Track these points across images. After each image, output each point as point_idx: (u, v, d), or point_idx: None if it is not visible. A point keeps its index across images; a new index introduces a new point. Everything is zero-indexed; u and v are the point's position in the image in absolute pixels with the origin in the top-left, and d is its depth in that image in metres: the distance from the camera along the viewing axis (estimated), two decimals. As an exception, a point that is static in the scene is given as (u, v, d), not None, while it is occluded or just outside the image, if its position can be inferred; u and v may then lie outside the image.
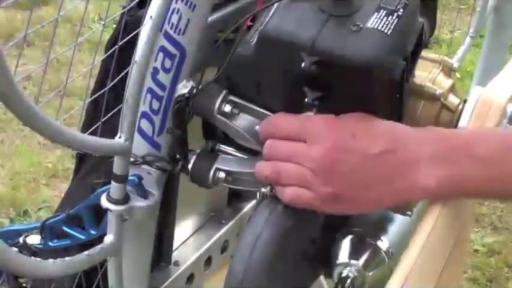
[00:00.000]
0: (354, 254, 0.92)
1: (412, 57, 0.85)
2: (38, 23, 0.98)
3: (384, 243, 0.93)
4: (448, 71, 0.94)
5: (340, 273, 0.92)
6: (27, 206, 1.99)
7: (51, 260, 0.76)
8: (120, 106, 0.86)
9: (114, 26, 0.99)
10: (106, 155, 0.85)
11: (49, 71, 2.64)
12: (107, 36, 1.00)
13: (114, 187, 0.87)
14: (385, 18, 0.80)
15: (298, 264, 0.90)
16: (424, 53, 0.95)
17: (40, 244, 1.00)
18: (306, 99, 0.83)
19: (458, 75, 2.84)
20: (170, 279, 1.11)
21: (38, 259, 0.75)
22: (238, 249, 0.78)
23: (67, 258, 0.78)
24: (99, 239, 0.92)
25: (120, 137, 0.84)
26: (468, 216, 0.98)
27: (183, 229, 1.18)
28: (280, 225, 0.82)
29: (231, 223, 1.23)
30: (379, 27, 0.79)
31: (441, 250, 0.87)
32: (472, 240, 2.06)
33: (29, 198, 2.02)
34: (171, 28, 0.89)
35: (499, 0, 1.61)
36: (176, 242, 1.15)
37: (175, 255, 1.14)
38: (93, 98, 0.92)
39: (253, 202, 1.25)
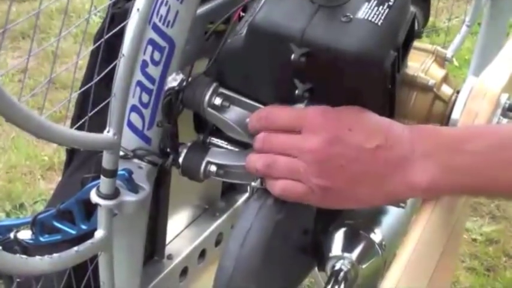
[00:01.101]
0: (347, 247, 0.91)
1: (404, 48, 0.84)
2: (33, 15, 0.96)
3: (377, 236, 0.92)
4: (442, 61, 0.93)
5: (333, 266, 0.91)
6: (23, 200, 1.98)
7: (38, 257, 0.75)
8: (109, 99, 0.85)
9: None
10: (95, 150, 0.84)
11: (44, 63, 2.62)
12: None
13: (103, 182, 0.86)
14: (375, 9, 0.79)
15: (290, 257, 0.90)
16: (418, 43, 0.94)
17: (31, 239, 0.99)
18: (297, 92, 0.82)
19: (456, 63, 2.83)
20: (163, 273, 1.10)
21: (24, 256, 0.74)
22: (228, 244, 0.77)
23: (55, 255, 0.77)
24: (91, 234, 0.91)
25: (108, 131, 0.83)
26: (463, 209, 0.97)
27: (177, 222, 1.17)
28: (270, 218, 0.81)
29: (225, 216, 1.22)
30: (370, 18, 0.78)
31: (436, 244, 0.86)
32: (470, 229, 2.05)
33: (25, 192, 2.01)
34: (159, 20, 0.88)
35: (496, -11, 1.60)
36: (169, 236, 1.14)
37: (168, 249, 1.13)
38: (81, 90, 0.91)
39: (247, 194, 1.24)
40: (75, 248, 0.83)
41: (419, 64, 0.90)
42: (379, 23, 0.78)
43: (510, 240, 2.02)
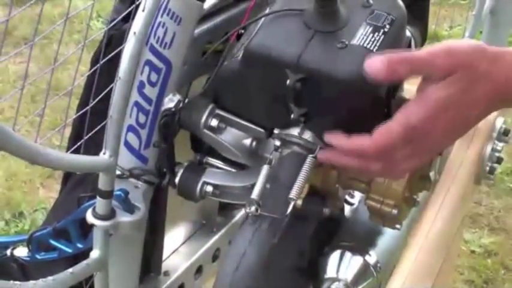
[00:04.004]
0: (342, 269, 0.92)
1: (400, 73, 0.84)
2: (36, 20, 0.97)
3: (372, 258, 0.93)
4: (438, 84, 0.93)
5: (328, 288, 0.91)
6: (22, 208, 1.98)
7: (31, 282, 0.75)
8: (106, 121, 0.85)
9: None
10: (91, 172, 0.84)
11: (46, 69, 2.62)
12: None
13: (99, 202, 0.87)
14: (371, 35, 0.79)
15: (285, 280, 0.90)
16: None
17: (27, 257, 1.00)
18: (292, 116, 0.82)
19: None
20: (160, 290, 1.11)
21: (18, 283, 0.74)
22: (222, 269, 0.77)
23: (49, 278, 0.78)
24: (88, 252, 0.92)
25: (104, 153, 0.83)
26: (462, 223, 0.98)
27: (174, 238, 1.17)
28: (265, 243, 0.81)
29: (222, 231, 1.22)
30: (365, 45, 0.78)
31: (437, 253, 0.87)
32: (469, 241, 2.05)
33: (25, 200, 2.01)
34: (156, 42, 0.88)
35: (495, 4, 1.59)
36: (166, 251, 1.14)
37: (165, 265, 1.13)
38: (78, 114, 0.91)
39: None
40: (70, 270, 0.83)
41: (415, 87, 0.90)
42: (374, 50, 0.78)
43: (509, 253, 2.01)
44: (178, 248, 1.18)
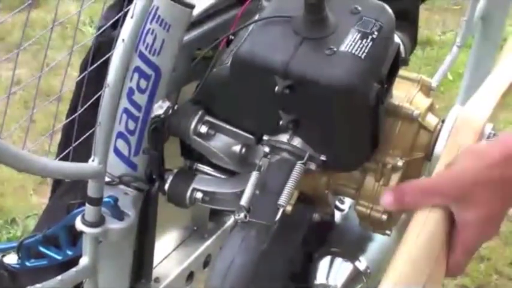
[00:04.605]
0: (332, 275, 0.92)
1: (388, 79, 0.84)
2: (28, 26, 0.96)
3: (362, 264, 0.93)
4: (427, 90, 0.93)
5: (318, 294, 0.91)
6: (14, 214, 1.97)
7: (18, 290, 0.75)
8: (94, 128, 0.85)
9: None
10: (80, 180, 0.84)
11: (36, 75, 2.62)
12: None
13: (88, 210, 0.87)
14: (359, 42, 0.79)
15: (275, 286, 0.90)
16: (403, 71, 0.94)
17: (17, 264, 1.00)
18: (281, 122, 0.82)
19: (450, 77, 2.83)
20: (150, 297, 1.10)
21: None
22: (210, 277, 0.77)
23: (37, 286, 0.77)
24: (78, 258, 0.92)
25: (93, 160, 0.83)
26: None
27: (165, 244, 1.17)
28: (254, 249, 0.81)
29: (213, 237, 1.22)
30: (353, 51, 0.78)
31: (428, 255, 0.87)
32: (462, 246, 2.05)
33: (17, 206, 2.00)
34: (146, 49, 0.88)
35: (486, 10, 1.60)
36: (157, 258, 1.14)
37: (156, 272, 1.13)
38: (67, 120, 0.91)
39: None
40: (59, 277, 0.83)
41: (404, 93, 0.91)
42: (363, 56, 0.78)
43: (501, 258, 2.01)
44: (169, 255, 1.18)
